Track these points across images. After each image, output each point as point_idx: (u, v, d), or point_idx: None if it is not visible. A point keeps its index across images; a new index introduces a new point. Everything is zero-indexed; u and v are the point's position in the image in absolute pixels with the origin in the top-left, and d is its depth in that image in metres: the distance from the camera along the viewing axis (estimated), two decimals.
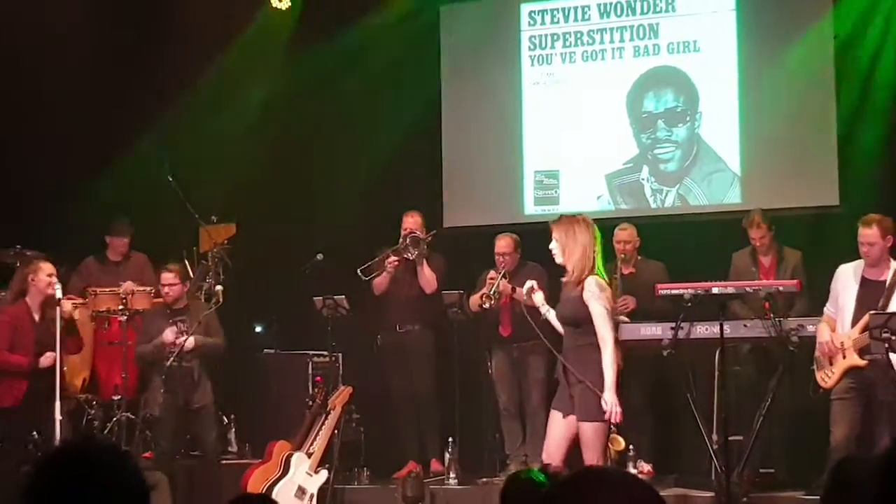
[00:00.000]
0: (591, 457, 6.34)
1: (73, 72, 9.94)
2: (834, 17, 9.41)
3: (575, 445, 6.49)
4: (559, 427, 6.50)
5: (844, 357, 7.17)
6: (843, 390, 7.20)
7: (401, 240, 9.05)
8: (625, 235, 8.86)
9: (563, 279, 6.68)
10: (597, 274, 6.50)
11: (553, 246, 6.59)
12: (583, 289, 6.43)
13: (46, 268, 8.25)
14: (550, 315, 6.70)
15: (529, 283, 6.89)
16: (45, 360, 8.11)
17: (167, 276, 8.60)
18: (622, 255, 8.79)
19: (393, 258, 9.05)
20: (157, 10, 10.37)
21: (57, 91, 9.89)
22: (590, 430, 6.37)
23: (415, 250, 9.01)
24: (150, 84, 10.27)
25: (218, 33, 10.53)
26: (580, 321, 6.45)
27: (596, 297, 6.41)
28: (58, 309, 8.00)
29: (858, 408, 7.19)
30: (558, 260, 6.59)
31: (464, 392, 9.11)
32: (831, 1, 9.44)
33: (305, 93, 10.74)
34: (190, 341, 8.36)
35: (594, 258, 6.54)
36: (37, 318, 8.26)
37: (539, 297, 6.77)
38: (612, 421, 6.31)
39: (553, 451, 6.47)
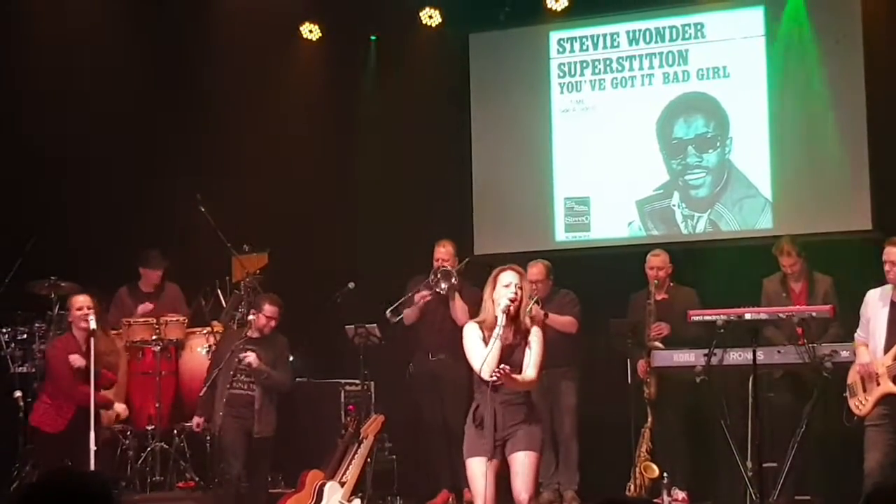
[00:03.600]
0: (529, 487, 6.27)
1: (108, 104, 10.03)
2: (864, 40, 9.39)
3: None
4: (490, 473, 6.29)
5: (879, 384, 7.11)
6: (877, 417, 7.14)
7: (431, 274, 9.03)
8: (657, 262, 8.83)
9: (479, 321, 6.38)
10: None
11: (518, 292, 6.24)
12: (529, 335, 6.31)
13: (76, 301, 8.30)
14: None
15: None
16: (75, 359, 8.13)
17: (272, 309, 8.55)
18: (655, 282, 8.75)
19: (424, 293, 9.04)
20: (192, 43, 10.48)
21: (92, 122, 9.98)
22: (530, 458, 6.26)
23: (445, 284, 8.98)
24: (183, 116, 10.36)
25: (251, 65, 10.62)
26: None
27: (540, 343, 6.32)
28: (91, 340, 8.03)
29: (892, 434, 7.12)
30: (514, 301, 6.24)
31: None
32: (861, 25, 9.42)
33: (336, 122, 10.80)
34: (252, 358, 8.28)
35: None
36: (84, 348, 8.27)
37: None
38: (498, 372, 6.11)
39: (489, 498, 6.33)
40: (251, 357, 8.27)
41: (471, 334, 6.35)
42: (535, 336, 6.34)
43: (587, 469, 8.99)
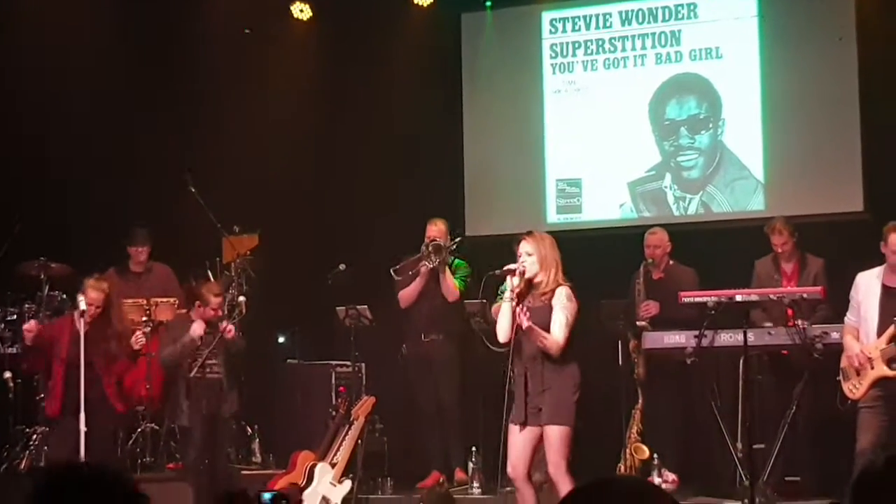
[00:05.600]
0: (557, 459, 6.42)
1: (97, 83, 9.98)
2: (857, 21, 9.37)
3: (536, 454, 6.63)
4: (520, 439, 6.54)
5: (872, 368, 7.11)
6: (870, 399, 7.15)
7: (423, 247, 9.03)
8: (654, 240, 8.80)
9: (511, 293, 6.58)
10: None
11: (529, 260, 6.54)
12: (552, 297, 6.46)
13: (89, 296, 8.07)
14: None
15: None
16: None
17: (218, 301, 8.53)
18: (650, 260, 8.72)
19: (424, 262, 9.02)
20: (183, 22, 10.42)
21: (81, 101, 9.93)
22: (557, 433, 6.42)
23: (436, 258, 8.98)
24: (173, 96, 10.31)
25: (242, 45, 10.58)
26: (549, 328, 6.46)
27: (563, 305, 6.48)
28: (81, 321, 7.98)
29: (886, 416, 7.13)
30: (531, 272, 6.53)
31: (487, 401, 9.06)
32: (854, 5, 9.40)
33: (328, 103, 10.76)
34: (231, 330, 8.25)
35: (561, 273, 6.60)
36: (82, 331, 8.18)
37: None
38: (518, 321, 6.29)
39: (517, 463, 6.54)
40: (232, 330, 8.26)
41: (502, 304, 6.63)
42: (559, 298, 6.46)
43: (578, 450, 8.97)
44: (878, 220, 7.66)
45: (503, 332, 6.54)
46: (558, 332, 6.43)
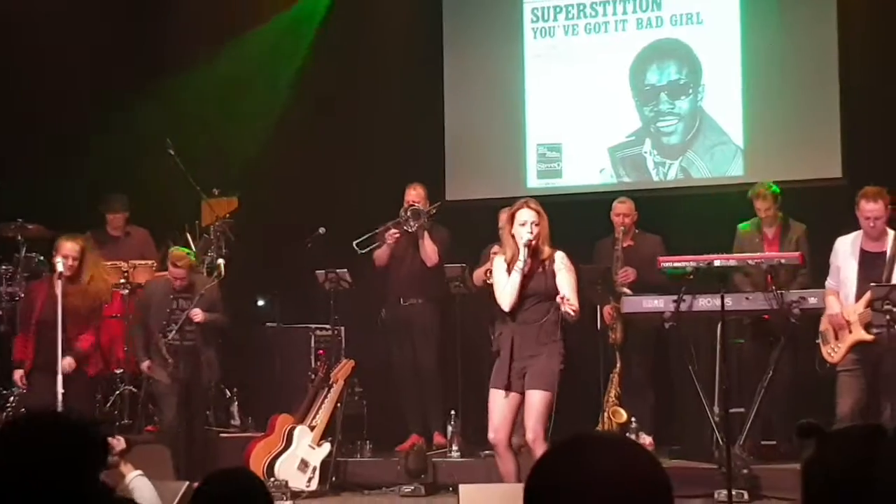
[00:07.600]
0: (536, 426, 6.42)
1: (73, 41, 9.88)
2: None
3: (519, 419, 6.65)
4: (503, 404, 6.55)
5: (851, 332, 7.17)
6: (849, 363, 7.21)
7: (401, 212, 9.04)
8: (623, 208, 8.86)
9: (499, 254, 6.72)
10: None
11: (535, 229, 6.50)
12: (552, 262, 6.51)
13: (62, 248, 8.11)
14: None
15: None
16: (65, 364, 8.02)
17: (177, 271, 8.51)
18: (621, 228, 8.78)
19: (393, 231, 9.04)
20: None
21: (57, 61, 9.84)
22: (540, 398, 6.44)
23: (415, 223, 8.98)
24: (153, 57, 10.25)
25: (222, 7, 10.50)
26: (553, 294, 6.48)
27: (568, 268, 6.55)
28: (58, 283, 7.94)
29: (864, 380, 7.20)
30: (533, 240, 6.50)
31: (466, 365, 9.10)
32: None
33: (307, 66, 10.70)
34: (198, 314, 8.31)
35: None
36: (59, 293, 8.14)
37: None
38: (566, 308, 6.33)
39: (500, 428, 6.55)
40: (199, 316, 8.30)
41: (498, 267, 6.64)
42: (562, 262, 6.52)
43: (556, 414, 9.01)
44: (855, 187, 7.69)
45: (508, 299, 6.50)
46: (572, 296, 6.44)
